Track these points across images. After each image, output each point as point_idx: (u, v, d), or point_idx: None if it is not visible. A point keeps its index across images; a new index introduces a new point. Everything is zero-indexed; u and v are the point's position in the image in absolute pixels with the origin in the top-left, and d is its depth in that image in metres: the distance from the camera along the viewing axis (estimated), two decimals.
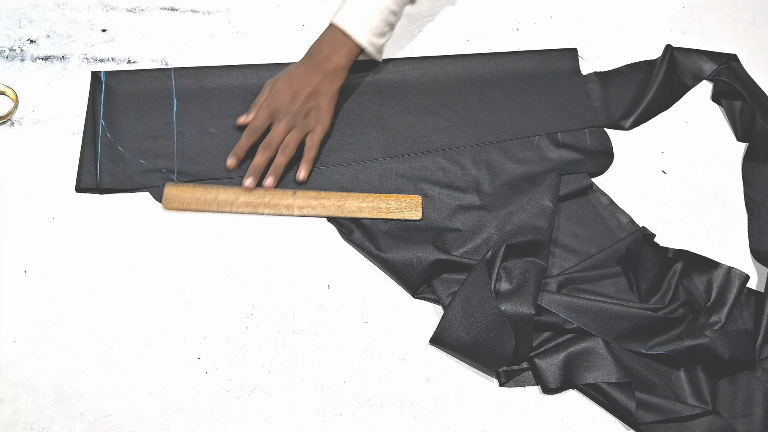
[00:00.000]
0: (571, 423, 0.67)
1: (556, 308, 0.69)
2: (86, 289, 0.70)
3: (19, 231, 0.72)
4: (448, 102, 0.85)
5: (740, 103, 0.88)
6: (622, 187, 0.82)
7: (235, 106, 0.82)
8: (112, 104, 0.80)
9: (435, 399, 0.68)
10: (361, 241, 0.74)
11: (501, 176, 0.80)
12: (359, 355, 0.69)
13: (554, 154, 0.82)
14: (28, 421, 0.63)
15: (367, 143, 0.81)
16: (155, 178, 0.76)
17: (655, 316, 0.69)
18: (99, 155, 0.77)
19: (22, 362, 0.66)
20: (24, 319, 0.68)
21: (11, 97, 0.80)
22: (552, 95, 0.87)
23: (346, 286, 0.73)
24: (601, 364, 0.68)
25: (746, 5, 0.98)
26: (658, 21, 0.96)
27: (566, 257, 0.76)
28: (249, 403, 0.66)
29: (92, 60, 0.84)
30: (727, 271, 0.74)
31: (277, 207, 0.75)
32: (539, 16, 0.94)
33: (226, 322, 0.70)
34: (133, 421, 0.64)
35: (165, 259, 0.72)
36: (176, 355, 0.68)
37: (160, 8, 0.89)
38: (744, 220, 0.81)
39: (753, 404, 0.69)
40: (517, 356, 0.68)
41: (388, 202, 0.76)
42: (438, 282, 0.73)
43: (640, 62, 0.91)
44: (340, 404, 0.67)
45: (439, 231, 0.76)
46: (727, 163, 0.85)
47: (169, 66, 0.84)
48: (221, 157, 0.78)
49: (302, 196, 0.75)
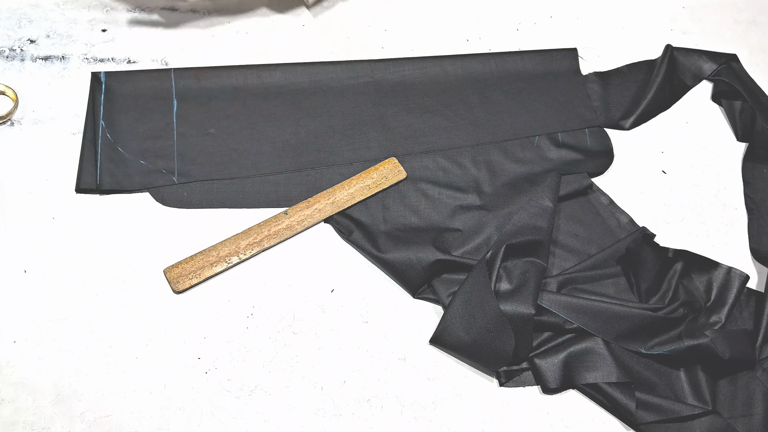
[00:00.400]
0: (571, 423, 0.67)
1: (556, 308, 0.69)
2: (86, 289, 0.70)
3: (19, 231, 0.72)
4: (448, 102, 0.85)
5: (740, 103, 0.88)
6: (622, 187, 0.82)
7: (236, 106, 0.82)
8: (112, 105, 0.80)
9: (435, 399, 0.68)
10: (360, 241, 0.74)
11: (501, 176, 0.80)
12: (359, 355, 0.69)
13: (554, 154, 0.82)
14: (28, 421, 0.63)
15: (367, 143, 0.81)
16: (155, 178, 0.76)
17: (655, 316, 0.69)
18: (99, 156, 0.77)
19: (22, 362, 0.66)
20: (24, 319, 0.68)
21: (11, 97, 0.80)
22: (552, 95, 0.87)
23: (346, 286, 0.73)
24: (601, 364, 0.68)
25: (746, 5, 0.98)
26: (658, 21, 0.96)
27: (566, 257, 0.76)
28: (249, 403, 0.66)
29: (92, 60, 0.84)
30: (727, 271, 0.74)
31: (279, 233, 0.74)
32: (539, 16, 0.94)
33: (226, 322, 0.70)
34: (133, 421, 0.64)
35: (165, 260, 0.72)
36: (176, 355, 0.68)
37: (160, 8, 0.89)
38: (744, 220, 0.81)
39: (753, 404, 0.69)
40: (517, 356, 0.68)
41: (371, 176, 0.77)
42: (438, 282, 0.73)
43: (640, 62, 0.91)
44: (340, 404, 0.67)
45: (439, 231, 0.76)
46: (727, 163, 0.85)
47: (169, 66, 0.84)
48: (221, 158, 0.78)
49: (294, 211, 0.75)
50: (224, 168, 0.78)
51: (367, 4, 0.92)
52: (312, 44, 0.88)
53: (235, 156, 0.79)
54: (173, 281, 0.70)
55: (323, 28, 0.81)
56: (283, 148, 0.80)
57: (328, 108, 0.83)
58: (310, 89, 0.84)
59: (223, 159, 0.78)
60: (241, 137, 0.80)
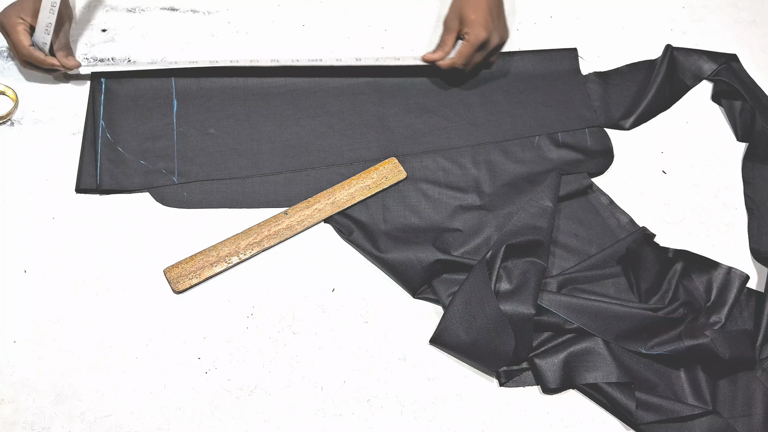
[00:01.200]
0: (571, 423, 0.67)
1: (556, 308, 0.69)
2: (86, 289, 0.70)
3: (19, 231, 0.72)
4: (448, 102, 0.85)
5: (740, 103, 0.88)
6: (622, 187, 0.82)
7: (235, 106, 0.82)
8: (112, 105, 0.80)
9: (435, 399, 0.68)
10: (361, 241, 0.74)
11: (501, 176, 0.80)
12: (359, 355, 0.69)
13: (554, 154, 0.82)
14: (28, 421, 0.63)
15: (367, 143, 0.81)
16: (156, 178, 0.76)
17: (655, 316, 0.69)
18: (99, 156, 0.77)
19: (22, 362, 0.66)
20: (24, 319, 0.68)
21: (11, 97, 0.80)
22: (552, 95, 0.87)
23: (346, 286, 0.73)
24: (601, 364, 0.68)
25: (746, 5, 0.98)
26: (658, 21, 0.96)
27: (566, 257, 0.76)
28: (249, 403, 0.66)
29: (92, 60, 0.84)
30: (727, 271, 0.74)
31: (279, 233, 0.74)
32: (539, 16, 0.94)
33: (226, 322, 0.70)
34: (133, 421, 0.64)
35: (165, 259, 0.72)
36: (176, 355, 0.68)
37: (160, 8, 0.89)
38: (744, 220, 0.81)
39: (753, 404, 0.69)
40: (517, 356, 0.68)
41: (371, 176, 0.77)
42: (438, 282, 0.73)
43: (640, 62, 0.91)
44: (340, 404, 0.67)
45: (439, 231, 0.76)
46: (727, 163, 0.85)
47: (168, 66, 0.84)
48: (221, 158, 0.78)
49: (294, 211, 0.75)
50: (224, 168, 0.78)
51: (368, 4, 0.92)
52: (312, 44, 0.88)
53: (235, 156, 0.79)
54: (173, 281, 0.70)
55: (323, 28, 0.81)
56: (283, 148, 0.80)
57: (328, 108, 0.83)
58: (310, 89, 0.84)
59: (223, 159, 0.78)
60: (241, 137, 0.80)
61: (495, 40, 0.81)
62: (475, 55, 0.81)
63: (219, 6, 0.90)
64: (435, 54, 0.82)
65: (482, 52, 0.81)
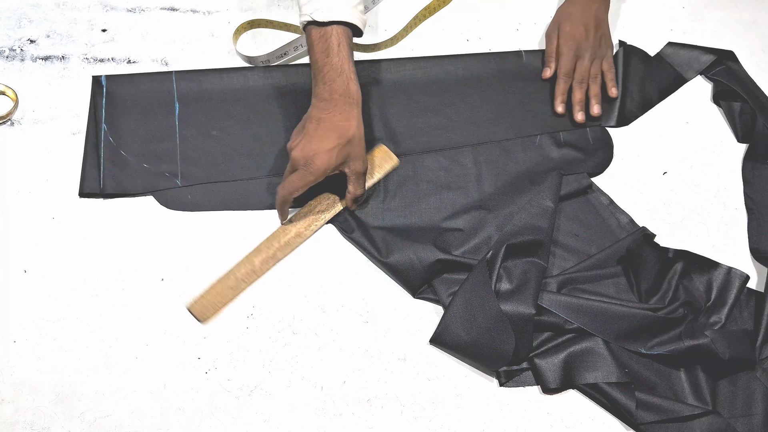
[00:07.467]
0: (571, 423, 0.67)
1: (556, 308, 0.70)
2: (86, 289, 0.70)
3: (19, 231, 0.72)
4: (449, 101, 0.85)
5: (740, 104, 0.88)
6: (622, 187, 0.82)
7: (237, 108, 0.82)
8: (113, 108, 0.80)
9: (435, 399, 0.68)
10: (361, 240, 0.74)
11: (502, 176, 0.80)
12: (359, 355, 0.69)
13: (556, 153, 0.82)
14: (28, 421, 0.63)
15: (369, 143, 0.81)
16: (159, 181, 0.76)
17: (655, 316, 0.69)
18: (102, 160, 0.76)
19: (22, 362, 0.66)
20: (24, 319, 0.68)
21: (11, 97, 0.80)
22: (553, 94, 0.87)
23: (346, 286, 0.73)
24: (601, 364, 0.68)
25: (746, 5, 0.98)
26: (658, 21, 0.95)
27: (566, 257, 0.76)
28: (249, 403, 0.66)
29: (92, 60, 0.84)
30: (727, 271, 0.74)
31: (290, 243, 0.74)
32: (539, 16, 0.94)
33: (226, 322, 0.70)
34: (133, 421, 0.64)
35: (165, 260, 0.72)
36: (176, 355, 0.68)
37: (160, 8, 0.89)
38: (744, 220, 0.81)
39: (753, 404, 0.69)
40: (517, 356, 0.68)
41: None
42: (438, 282, 0.73)
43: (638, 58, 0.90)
44: (340, 404, 0.67)
45: (439, 231, 0.76)
46: (727, 163, 0.85)
47: (169, 68, 0.84)
48: (224, 160, 0.78)
49: (298, 218, 0.75)
50: (227, 170, 0.78)
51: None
52: None
53: (237, 157, 0.79)
54: (200, 315, 0.69)
55: None
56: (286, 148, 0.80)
57: None
58: (312, 89, 0.84)
59: (226, 161, 0.78)
60: (244, 138, 0.80)
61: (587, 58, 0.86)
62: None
63: (219, 6, 0.90)
64: (547, 71, 0.87)
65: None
